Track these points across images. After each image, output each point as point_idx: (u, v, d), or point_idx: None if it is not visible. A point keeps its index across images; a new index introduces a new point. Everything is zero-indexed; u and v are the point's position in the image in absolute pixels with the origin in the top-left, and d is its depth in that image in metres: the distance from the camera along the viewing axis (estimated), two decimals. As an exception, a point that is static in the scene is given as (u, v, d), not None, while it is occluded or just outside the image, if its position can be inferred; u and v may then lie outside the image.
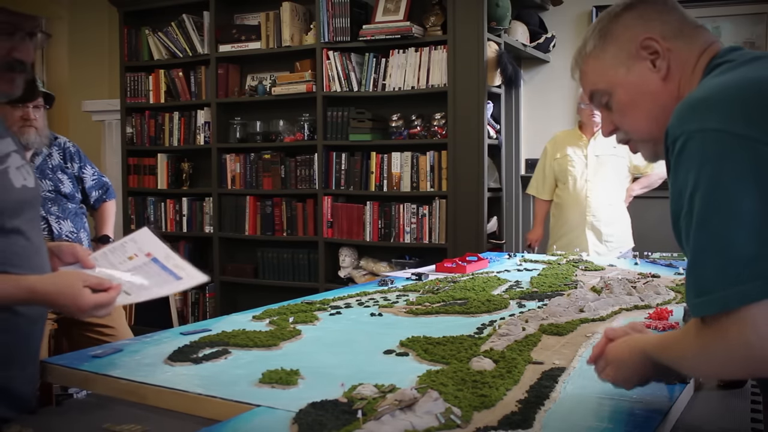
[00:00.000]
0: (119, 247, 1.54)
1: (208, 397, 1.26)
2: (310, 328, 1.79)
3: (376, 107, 4.54)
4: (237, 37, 4.82)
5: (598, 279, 2.39)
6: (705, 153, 0.93)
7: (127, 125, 5.26)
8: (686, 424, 1.23)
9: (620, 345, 1.18)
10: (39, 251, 1.44)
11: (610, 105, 1.19)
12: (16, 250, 1.36)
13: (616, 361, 1.17)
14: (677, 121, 0.99)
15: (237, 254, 5.05)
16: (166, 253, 1.51)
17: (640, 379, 1.17)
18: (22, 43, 1.32)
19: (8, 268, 1.33)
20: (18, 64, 1.33)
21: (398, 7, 4.33)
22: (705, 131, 0.94)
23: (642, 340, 1.14)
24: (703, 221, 0.93)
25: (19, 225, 1.36)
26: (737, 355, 0.91)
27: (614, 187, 3.84)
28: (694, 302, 0.94)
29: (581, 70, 1.23)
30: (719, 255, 0.91)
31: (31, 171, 1.46)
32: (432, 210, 4.33)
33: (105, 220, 3.21)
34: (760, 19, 4.31)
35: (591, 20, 4.67)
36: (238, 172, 4.91)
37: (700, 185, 0.93)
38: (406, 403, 1.09)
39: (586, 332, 1.68)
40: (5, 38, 1.30)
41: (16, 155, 1.42)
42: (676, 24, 1.15)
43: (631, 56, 1.15)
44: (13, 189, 1.36)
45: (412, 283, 2.46)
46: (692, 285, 0.95)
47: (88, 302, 1.29)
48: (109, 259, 1.52)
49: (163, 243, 1.52)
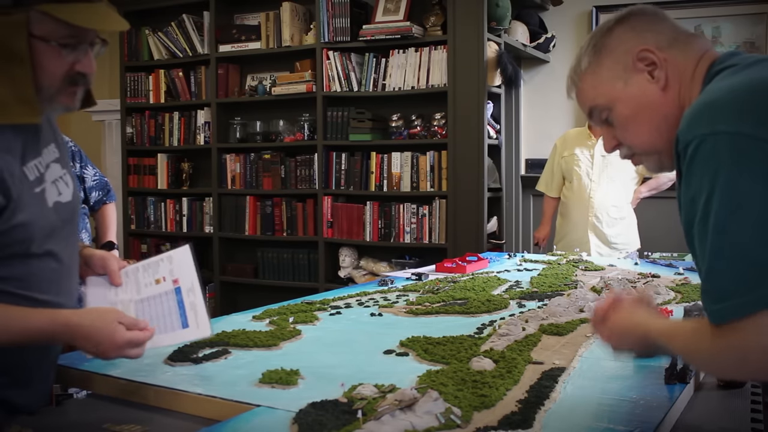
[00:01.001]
0: (153, 264, 1.49)
1: (208, 397, 1.26)
2: (310, 328, 1.79)
3: (376, 107, 4.54)
4: (237, 37, 4.82)
5: (598, 279, 2.39)
6: (718, 156, 0.92)
7: (127, 125, 5.26)
8: (686, 424, 1.23)
9: (625, 319, 1.17)
10: (70, 272, 1.41)
11: (610, 120, 1.18)
12: (45, 275, 1.33)
13: (619, 333, 1.18)
14: (687, 126, 0.98)
15: (237, 254, 5.05)
16: (192, 285, 1.47)
17: (640, 353, 1.19)
18: (84, 56, 1.30)
19: (35, 293, 1.31)
20: (81, 77, 1.30)
21: (398, 7, 4.33)
22: (717, 134, 0.93)
23: (647, 323, 1.13)
24: (719, 226, 0.91)
25: (51, 248, 1.33)
26: (754, 359, 0.90)
27: (620, 188, 3.83)
28: (712, 309, 0.93)
29: (578, 88, 1.22)
30: (737, 260, 0.90)
31: (70, 179, 1.43)
32: (432, 210, 4.33)
33: (108, 225, 3.20)
34: (760, 19, 4.31)
35: (591, 20, 4.67)
36: (238, 172, 4.91)
37: (715, 189, 0.92)
38: (406, 403, 1.09)
39: (586, 332, 1.68)
40: (69, 52, 1.27)
41: (55, 165, 1.38)
42: (670, 33, 1.14)
43: (628, 69, 1.14)
44: (47, 213, 1.32)
45: (412, 283, 2.46)
46: (710, 291, 0.94)
47: (122, 339, 1.26)
48: (138, 277, 1.49)
49: (196, 269, 1.49)
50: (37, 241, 1.30)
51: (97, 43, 1.33)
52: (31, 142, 1.32)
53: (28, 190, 1.28)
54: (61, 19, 1.23)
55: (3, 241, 1.25)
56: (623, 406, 1.20)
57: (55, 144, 1.40)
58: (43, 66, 1.25)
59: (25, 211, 1.27)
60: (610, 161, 3.81)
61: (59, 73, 1.27)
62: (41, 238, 1.30)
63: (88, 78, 1.32)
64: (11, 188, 1.24)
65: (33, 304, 1.29)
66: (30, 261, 1.30)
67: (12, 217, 1.25)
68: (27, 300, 1.29)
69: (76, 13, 1.24)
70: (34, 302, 1.30)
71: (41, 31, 1.24)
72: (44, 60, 1.25)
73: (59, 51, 1.26)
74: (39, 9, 1.23)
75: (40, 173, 1.33)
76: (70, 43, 1.26)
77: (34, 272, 1.31)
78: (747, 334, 0.90)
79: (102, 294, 1.48)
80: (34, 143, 1.33)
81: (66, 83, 1.29)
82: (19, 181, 1.27)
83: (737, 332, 0.91)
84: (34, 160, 1.32)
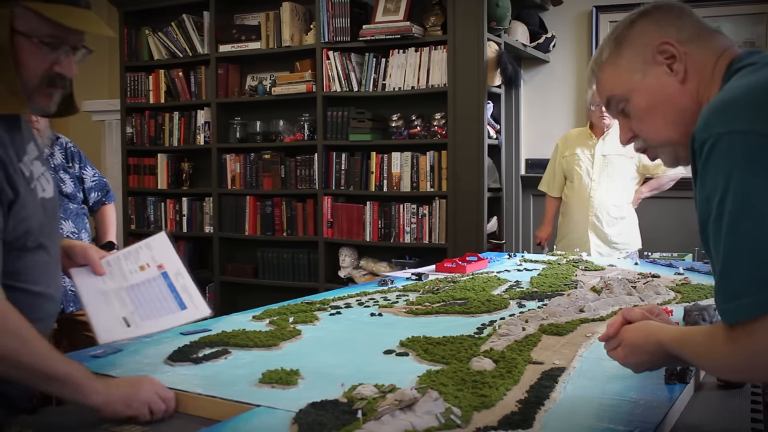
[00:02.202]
0: (133, 252, 1.52)
1: (208, 397, 1.26)
2: (310, 328, 1.79)
3: (376, 107, 4.53)
4: (237, 37, 4.82)
5: (598, 279, 2.39)
6: (733, 155, 0.92)
7: (127, 125, 5.26)
8: (686, 424, 1.23)
9: (636, 330, 1.18)
10: (56, 265, 1.44)
11: (627, 111, 1.18)
12: (39, 267, 1.35)
13: (630, 345, 1.18)
14: (704, 124, 0.98)
15: (237, 254, 5.05)
16: (177, 270, 1.48)
17: (652, 365, 1.18)
18: (65, 58, 1.30)
19: (30, 285, 1.33)
20: (59, 78, 1.30)
21: (398, 7, 4.33)
22: (733, 133, 0.93)
23: (659, 331, 1.14)
24: (733, 225, 0.91)
25: (42, 241, 1.36)
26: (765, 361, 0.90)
27: (620, 187, 3.83)
28: (723, 308, 0.93)
29: (597, 78, 1.22)
30: (750, 259, 0.90)
31: (50, 177, 1.44)
32: (432, 210, 4.33)
33: (107, 226, 3.20)
34: (760, 19, 4.31)
35: (591, 20, 4.67)
36: (238, 172, 4.90)
37: (729, 188, 0.92)
38: (406, 403, 1.09)
39: (586, 332, 1.68)
40: (49, 51, 1.27)
41: (37, 162, 1.39)
42: (692, 29, 1.14)
43: (647, 61, 1.14)
44: (38, 208, 1.34)
45: (412, 283, 2.46)
46: (722, 290, 0.94)
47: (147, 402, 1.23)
48: (120, 265, 1.51)
49: (177, 254, 1.50)
50: (33, 235, 1.32)
51: (81, 49, 1.33)
52: (18, 139, 1.33)
53: (25, 187, 1.30)
54: (44, 16, 1.24)
55: (9, 236, 1.27)
56: (623, 406, 1.20)
57: (33, 142, 1.42)
58: (23, 62, 1.26)
59: (26, 207, 1.29)
60: (611, 161, 3.81)
61: (38, 71, 1.28)
62: (36, 232, 1.33)
63: (66, 81, 1.33)
64: (17, 182, 1.26)
65: (28, 296, 1.32)
66: (25, 254, 1.32)
67: (18, 212, 1.27)
68: (23, 292, 1.31)
69: (61, 13, 1.25)
70: (29, 294, 1.33)
71: (24, 27, 1.25)
72: (24, 56, 1.26)
73: (40, 48, 1.26)
74: (24, 5, 1.23)
75: (30, 170, 1.35)
76: (51, 42, 1.27)
77: (29, 265, 1.33)
78: (759, 335, 0.90)
79: (92, 284, 1.50)
80: (20, 140, 1.34)
81: (44, 83, 1.29)
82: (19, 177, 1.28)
83: (749, 334, 0.91)
84: (24, 157, 1.34)
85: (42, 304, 1.37)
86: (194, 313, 1.45)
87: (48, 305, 1.40)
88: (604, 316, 1.84)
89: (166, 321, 1.43)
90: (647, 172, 3.86)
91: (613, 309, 1.93)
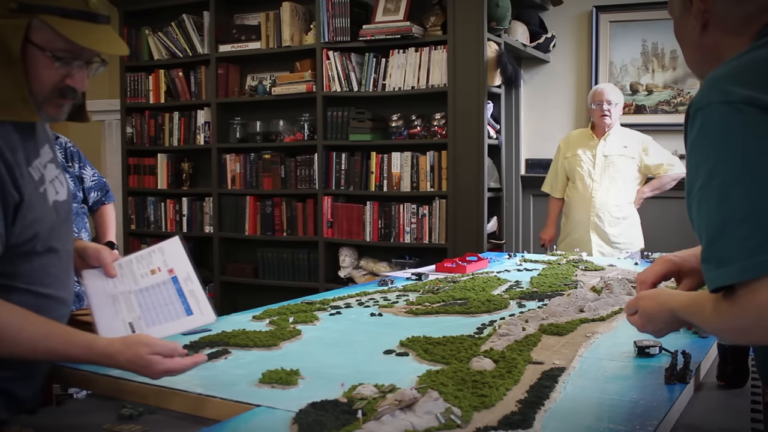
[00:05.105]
0: (146, 256, 1.52)
1: (208, 397, 1.26)
2: (310, 328, 1.79)
3: (376, 107, 4.54)
4: (237, 37, 4.82)
5: (598, 279, 2.39)
6: (725, 125, 0.93)
7: (127, 125, 5.26)
8: (686, 424, 1.23)
9: (650, 299, 1.23)
10: (68, 267, 1.45)
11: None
12: (49, 270, 1.36)
13: (647, 314, 1.23)
14: (701, 91, 0.99)
15: (237, 254, 5.05)
16: (188, 274, 1.49)
17: (671, 330, 1.23)
18: (77, 72, 1.32)
19: (39, 288, 1.34)
20: (70, 91, 1.32)
21: (398, 7, 4.33)
22: (729, 103, 0.94)
23: (671, 300, 1.17)
24: (723, 193, 0.92)
25: (52, 244, 1.36)
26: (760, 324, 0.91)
27: (621, 188, 3.83)
28: (713, 274, 0.94)
29: None
30: (740, 225, 0.90)
31: (64, 179, 1.46)
32: (432, 210, 4.33)
33: (107, 226, 3.20)
34: None
35: (591, 20, 4.67)
36: (238, 172, 4.90)
37: (721, 157, 0.93)
38: (406, 403, 1.09)
39: (586, 332, 1.68)
40: (62, 65, 1.29)
41: (51, 165, 1.41)
42: None
43: (686, 4, 1.16)
44: (49, 212, 1.35)
45: (412, 283, 2.46)
46: (712, 257, 0.94)
47: (159, 370, 1.25)
48: (132, 268, 1.52)
49: (189, 258, 1.51)
50: (42, 239, 1.32)
51: (96, 62, 1.35)
52: (31, 143, 1.34)
53: (34, 190, 1.31)
54: (59, 33, 1.25)
55: (17, 239, 1.28)
56: (623, 406, 1.20)
57: (48, 145, 1.43)
58: (35, 73, 1.27)
59: (33, 211, 1.30)
60: (612, 161, 3.82)
61: (49, 83, 1.29)
62: (45, 236, 1.33)
63: (77, 94, 1.34)
64: (23, 187, 1.27)
65: (38, 298, 1.33)
66: (34, 258, 1.33)
67: (26, 216, 1.28)
68: (32, 294, 1.32)
69: (76, 31, 1.26)
70: (38, 296, 1.34)
71: (39, 40, 1.26)
72: (37, 67, 1.27)
73: (52, 62, 1.28)
74: (42, 18, 1.25)
75: (41, 174, 1.35)
76: (64, 57, 1.28)
77: (38, 268, 1.34)
78: (749, 299, 0.90)
79: (101, 287, 1.50)
80: (33, 144, 1.35)
81: (55, 94, 1.31)
82: (27, 181, 1.29)
83: (740, 299, 0.92)
84: (36, 161, 1.35)
85: (52, 306, 1.37)
86: (200, 319, 1.45)
87: (58, 308, 1.40)
88: (604, 316, 1.85)
89: (172, 327, 1.43)
90: (649, 172, 3.86)
91: (613, 309, 1.93)
